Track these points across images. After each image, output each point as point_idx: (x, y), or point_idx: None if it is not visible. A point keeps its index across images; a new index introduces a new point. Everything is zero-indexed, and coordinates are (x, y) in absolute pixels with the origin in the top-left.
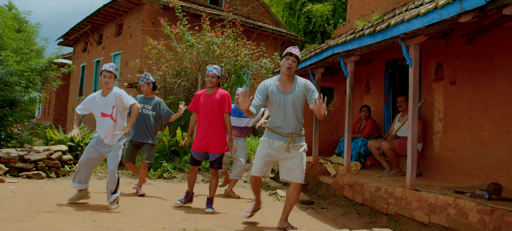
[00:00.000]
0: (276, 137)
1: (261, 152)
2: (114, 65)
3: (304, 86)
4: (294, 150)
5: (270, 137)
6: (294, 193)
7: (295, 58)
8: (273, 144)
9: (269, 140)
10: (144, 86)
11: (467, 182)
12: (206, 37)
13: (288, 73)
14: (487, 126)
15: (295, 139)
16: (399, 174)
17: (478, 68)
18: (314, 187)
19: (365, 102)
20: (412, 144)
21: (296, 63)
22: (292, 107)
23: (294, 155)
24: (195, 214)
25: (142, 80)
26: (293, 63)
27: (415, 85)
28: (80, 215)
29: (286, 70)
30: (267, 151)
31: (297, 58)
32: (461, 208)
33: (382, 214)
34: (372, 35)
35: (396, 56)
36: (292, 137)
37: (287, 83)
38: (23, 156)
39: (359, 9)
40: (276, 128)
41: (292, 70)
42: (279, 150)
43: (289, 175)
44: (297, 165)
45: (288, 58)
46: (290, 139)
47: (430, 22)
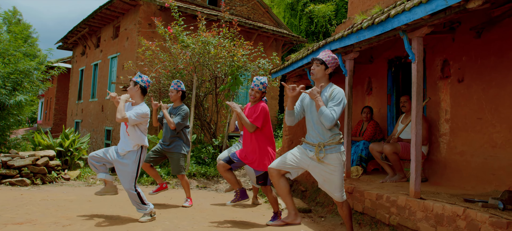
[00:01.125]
0: (307, 146)
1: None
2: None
3: (329, 93)
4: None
5: (304, 146)
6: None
7: (318, 61)
8: (306, 152)
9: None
10: (172, 93)
11: (477, 189)
12: (201, 37)
13: (312, 78)
14: (498, 127)
15: (322, 150)
16: (403, 180)
17: (488, 64)
18: (313, 193)
19: (367, 103)
20: (416, 146)
21: (319, 67)
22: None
23: (324, 168)
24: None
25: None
26: (316, 67)
27: (419, 83)
28: (51, 227)
29: (313, 75)
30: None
31: (320, 61)
32: (472, 220)
33: (383, 225)
34: (371, 28)
35: (399, 53)
36: (319, 146)
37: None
38: (7, 162)
39: (360, 5)
40: (307, 137)
41: (315, 74)
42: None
43: (324, 187)
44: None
45: (313, 62)
46: (317, 148)
47: (435, 10)
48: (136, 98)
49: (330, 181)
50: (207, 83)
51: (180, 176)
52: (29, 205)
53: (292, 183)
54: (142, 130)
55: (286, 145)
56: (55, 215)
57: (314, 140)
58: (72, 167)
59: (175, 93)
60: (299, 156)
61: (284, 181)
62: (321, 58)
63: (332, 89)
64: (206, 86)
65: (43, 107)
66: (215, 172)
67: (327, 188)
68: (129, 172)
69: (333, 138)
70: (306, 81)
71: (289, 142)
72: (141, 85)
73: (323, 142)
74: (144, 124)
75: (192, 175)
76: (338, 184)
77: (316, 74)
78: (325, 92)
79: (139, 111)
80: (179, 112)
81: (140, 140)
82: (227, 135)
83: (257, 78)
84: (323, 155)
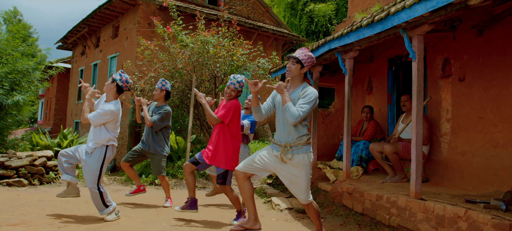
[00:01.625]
0: (274, 146)
1: (256, 153)
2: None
3: (302, 92)
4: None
5: (271, 146)
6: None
7: (294, 59)
8: (273, 152)
9: (270, 148)
10: (156, 91)
11: (479, 189)
12: (200, 36)
13: (288, 76)
14: (500, 127)
15: (289, 150)
16: (404, 180)
17: (490, 63)
18: (312, 194)
19: (367, 102)
20: (417, 146)
21: (295, 66)
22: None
23: (290, 170)
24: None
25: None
26: (292, 65)
27: (420, 81)
28: (46, 228)
29: (288, 73)
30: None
31: (296, 59)
32: (473, 222)
33: (383, 226)
34: (370, 26)
35: (400, 53)
36: (285, 146)
37: (291, 89)
38: (4, 162)
39: (360, 4)
40: (275, 135)
41: (291, 72)
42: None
43: (291, 189)
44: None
45: (289, 60)
46: (283, 148)
47: (435, 7)
48: (109, 95)
49: (296, 183)
50: (206, 83)
51: (161, 177)
52: (25, 206)
53: None
54: (110, 128)
55: None
56: (51, 216)
57: (282, 139)
58: None
59: (159, 92)
60: (267, 157)
61: (249, 184)
62: (297, 56)
63: (305, 89)
64: (205, 86)
65: (43, 108)
66: None
67: (293, 189)
68: (92, 170)
69: (300, 139)
70: (307, 81)
71: None
72: (117, 84)
73: (290, 142)
74: (112, 123)
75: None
76: (304, 186)
77: (292, 73)
78: (298, 91)
79: (101, 111)
80: (159, 111)
81: (104, 138)
82: None
83: (234, 77)
84: (290, 156)
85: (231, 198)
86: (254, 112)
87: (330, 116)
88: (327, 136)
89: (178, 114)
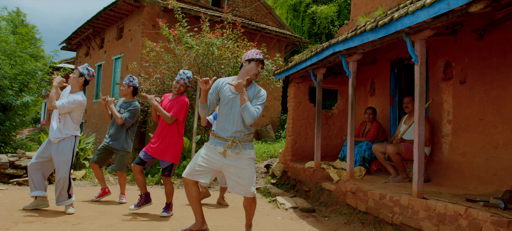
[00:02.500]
0: (218, 142)
1: (198, 155)
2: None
3: (256, 92)
4: (238, 158)
5: (212, 142)
6: (248, 206)
7: (262, 64)
8: (216, 149)
9: (211, 145)
10: (123, 87)
11: (479, 189)
12: (205, 38)
13: (253, 78)
14: (500, 128)
15: (238, 144)
16: (406, 180)
17: (490, 65)
18: (316, 193)
19: (369, 104)
20: (419, 147)
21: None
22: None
23: (238, 165)
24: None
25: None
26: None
27: (422, 84)
28: (61, 226)
29: (253, 75)
30: (207, 154)
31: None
32: (473, 219)
33: (387, 224)
34: (374, 31)
35: (402, 55)
36: (233, 141)
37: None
38: (14, 162)
39: (363, 7)
40: (219, 130)
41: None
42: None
43: (237, 188)
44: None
45: (257, 64)
46: (230, 142)
47: (437, 13)
48: (75, 87)
49: (244, 176)
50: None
51: (120, 173)
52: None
53: (295, 183)
54: (74, 118)
55: (289, 145)
56: (63, 214)
57: (229, 134)
58: (78, 167)
59: (127, 87)
60: (210, 156)
61: (196, 189)
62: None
63: (258, 89)
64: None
65: (46, 108)
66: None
67: (242, 183)
68: (66, 161)
69: (248, 136)
70: (309, 82)
71: (293, 142)
72: (86, 78)
73: (239, 138)
74: (76, 112)
75: None
76: (252, 178)
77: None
78: (251, 91)
79: (71, 100)
80: (129, 108)
81: (72, 128)
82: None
83: (184, 72)
84: (239, 150)
85: (167, 189)
86: (202, 108)
87: (333, 117)
88: (330, 137)
89: None
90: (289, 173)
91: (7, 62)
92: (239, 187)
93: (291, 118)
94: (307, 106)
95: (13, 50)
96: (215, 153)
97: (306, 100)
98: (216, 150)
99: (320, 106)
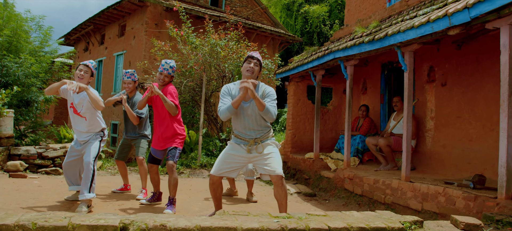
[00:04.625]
0: (240, 141)
1: (223, 153)
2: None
3: (262, 92)
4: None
5: (235, 140)
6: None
7: (257, 61)
8: (240, 147)
9: (235, 143)
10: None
11: (456, 175)
12: (210, 39)
13: (248, 75)
14: (474, 124)
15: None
16: (394, 168)
17: (467, 71)
18: (316, 181)
19: (362, 101)
20: (407, 140)
21: (258, 67)
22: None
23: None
24: None
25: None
26: (255, 67)
27: (410, 88)
28: (109, 207)
29: (246, 72)
30: (232, 152)
31: (259, 62)
32: (449, 196)
33: (380, 204)
34: (371, 43)
35: (392, 59)
36: (255, 141)
37: None
38: (41, 153)
39: (356, 13)
40: (239, 132)
41: (254, 73)
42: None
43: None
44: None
45: (249, 61)
46: (253, 141)
47: (423, 33)
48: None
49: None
50: (213, 82)
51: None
52: None
53: (295, 172)
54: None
55: (289, 138)
56: (104, 199)
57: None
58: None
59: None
60: (235, 155)
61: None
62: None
63: (263, 88)
64: (212, 84)
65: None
66: None
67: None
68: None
69: (268, 133)
70: (308, 81)
71: (292, 135)
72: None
73: (259, 137)
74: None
75: (203, 165)
76: (280, 160)
77: (255, 73)
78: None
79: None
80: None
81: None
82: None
83: (166, 62)
84: (262, 149)
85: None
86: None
87: (329, 113)
88: (326, 131)
89: (188, 110)
90: (289, 163)
91: (33, 61)
92: (270, 168)
93: (290, 113)
94: (305, 103)
95: (35, 49)
96: (240, 150)
97: (305, 97)
98: (240, 148)
99: (319, 104)
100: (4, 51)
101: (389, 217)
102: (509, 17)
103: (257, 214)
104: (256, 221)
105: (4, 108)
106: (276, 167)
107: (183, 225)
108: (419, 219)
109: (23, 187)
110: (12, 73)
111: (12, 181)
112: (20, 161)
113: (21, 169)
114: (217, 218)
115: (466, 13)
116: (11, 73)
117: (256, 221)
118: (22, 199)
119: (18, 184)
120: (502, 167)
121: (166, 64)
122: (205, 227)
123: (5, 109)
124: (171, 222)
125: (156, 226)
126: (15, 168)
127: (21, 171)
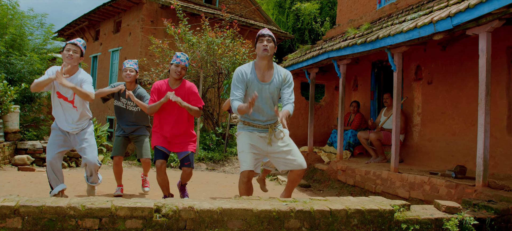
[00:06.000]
0: (254, 129)
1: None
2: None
3: (284, 77)
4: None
5: (248, 129)
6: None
7: (270, 37)
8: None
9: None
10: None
11: (440, 166)
12: (207, 37)
13: (265, 55)
14: (457, 120)
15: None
16: (384, 161)
17: (451, 70)
18: (310, 173)
19: (353, 98)
20: (396, 135)
21: (272, 43)
22: (270, 99)
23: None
24: None
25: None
26: (269, 43)
27: (398, 86)
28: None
29: (263, 52)
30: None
31: (271, 38)
32: (434, 185)
33: (371, 193)
34: (363, 44)
35: (381, 58)
36: (272, 127)
37: (266, 71)
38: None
39: (348, 13)
40: (252, 120)
41: (270, 51)
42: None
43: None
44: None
45: (261, 40)
46: (270, 129)
47: (411, 38)
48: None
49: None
50: (209, 78)
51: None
52: (84, 182)
53: None
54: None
55: None
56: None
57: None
58: None
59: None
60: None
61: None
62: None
63: (284, 73)
64: (208, 80)
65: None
66: (220, 156)
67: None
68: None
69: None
70: (301, 78)
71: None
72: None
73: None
74: None
75: (200, 159)
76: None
77: (270, 51)
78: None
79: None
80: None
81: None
82: (229, 124)
83: (182, 53)
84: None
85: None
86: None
87: (321, 108)
88: (318, 125)
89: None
90: None
91: (36, 58)
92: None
93: None
94: (299, 99)
95: (38, 46)
96: (259, 139)
97: (298, 94)
98: (257, 136)
99: (313, 100)
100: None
101: (381, 201)
102: (486, 25)
103: (267, 198)
104: (268, 204)
105: (11, 104)
106: (302, 161)
107: (207, 207)
108: (407, 203)
109: (36, 179)
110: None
111: (23, 174)
112: (26, 155)
113: (28, 163)
114: (235, 202)
115: (449, 21)
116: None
117: (268, 204)
118: (40, 190)
119: (29, 177)
120: (480, 158)
121: (182, 55)
122: (226, 209)
123: (12, 106)
124: (197, 204)
125: (185, 208)
126: (23, 162)
127: (28, 165)
